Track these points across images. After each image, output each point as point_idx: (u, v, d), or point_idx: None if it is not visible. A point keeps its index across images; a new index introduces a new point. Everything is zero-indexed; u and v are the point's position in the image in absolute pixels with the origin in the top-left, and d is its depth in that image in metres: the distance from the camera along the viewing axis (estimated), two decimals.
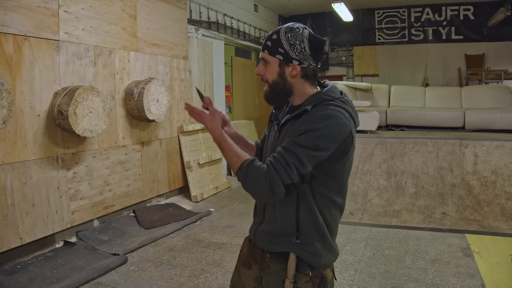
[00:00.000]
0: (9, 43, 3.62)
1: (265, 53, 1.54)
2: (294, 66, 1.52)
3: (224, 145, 1.52)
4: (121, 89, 5.07)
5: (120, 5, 4.94)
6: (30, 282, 3.44)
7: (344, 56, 11.48)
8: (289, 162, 1.37)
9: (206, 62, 7.19)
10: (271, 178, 1.37)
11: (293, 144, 1.40)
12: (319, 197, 1.49)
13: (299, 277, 1.53)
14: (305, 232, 1.50)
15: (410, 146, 5.72)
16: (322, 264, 1.52)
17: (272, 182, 1.36)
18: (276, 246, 1.56)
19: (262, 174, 1.39)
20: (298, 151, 1.38)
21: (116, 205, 5.01)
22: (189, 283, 3.56)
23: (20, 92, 3.75)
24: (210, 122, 1.59)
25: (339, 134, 1.40)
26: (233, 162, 1.47)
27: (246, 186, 1.43)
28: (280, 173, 1.37)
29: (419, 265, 3.80)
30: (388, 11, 10.70)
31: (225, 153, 1.51)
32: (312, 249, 1.51)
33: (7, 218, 3.64)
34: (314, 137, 1.38)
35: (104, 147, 4.81)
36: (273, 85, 1.56)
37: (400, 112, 7.48)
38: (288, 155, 1.38)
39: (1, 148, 3.59)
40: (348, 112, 1.47)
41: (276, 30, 1.54)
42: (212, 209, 5.78)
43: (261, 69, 1.58)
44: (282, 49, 1.50)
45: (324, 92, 1.53)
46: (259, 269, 1.65)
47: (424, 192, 5.31)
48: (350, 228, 4.83)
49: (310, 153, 1.37)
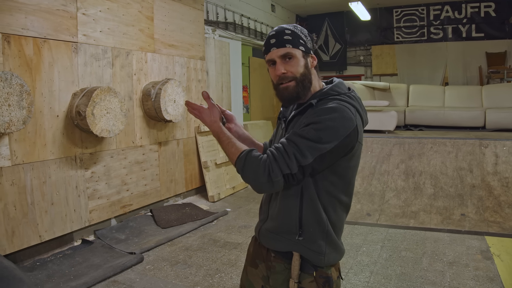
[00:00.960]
0: (29, 46, 3.71)
1: (288, 48, 1.48)
2: (313, 56, 1.55)
3: (222, 137, 1.54)
4: (139, 90, 5.13)
5: (137, 7, 5.00)
6: (49, 278, 3.52)
7: (362, 56, 11.38)
8: (289, 151, 1.37)
9: (223, 62, 7.23)
10: (269, 166, 1.37)
11: (295, 134, 1.39)
12: (324, 194, 1.48)
13: (303, 277, 1.52)
14: (308, 229, 1.49)
15: (429, 146, 5.64)
16: (326, 262, 1.51)
17: (270, 171, 1.36)
18: (279, 244, 1.56)
19: (260, 163, 1.38)
20: (299, 142, 1.37)
21: (134, 205, 5.08)
22: (204, 282, 3.58)
23: (40, 93, 3.83)
24: (208, 115, 1.62)
25: (344, 128, 1.38)
26: (232, 153, 1.48)
27: (245, 176, 1.43)
28: (279, 162, 1.37)
29: (437, 268, 3.74)
30: (406, 10, 10.56)
31: (224, 145, 1.53)
32: (316, 247, 1.49)
33: (27, 216, 3.73)
34: (317, 129, 1.37)
35: (122, 147, 4.88)
36: (302, 78, 1.50)
37: (419, 112, 7.38)
38: (289, 145, 1.38)
39: (21, 148, 3.68)
40: (354, 107, 1.45)
41: (281, 28, 1.52)
42: (228, 209, 5.81)
43: (281, 67, 1.50)
44: (302, 41, 1.51)
45: (330, 88, 1.53)
46: (266, 268, 1.64)
47: (442, 193, 5.22)
48: (366, 229, 4.79)
49: (312, 144, 1.36)
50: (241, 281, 1.81)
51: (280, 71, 1.50)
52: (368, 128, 6.62)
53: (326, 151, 1.36)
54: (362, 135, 1.51)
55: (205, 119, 1.61)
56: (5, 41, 3.50)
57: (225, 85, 7.31)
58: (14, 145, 3.60)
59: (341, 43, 11.44)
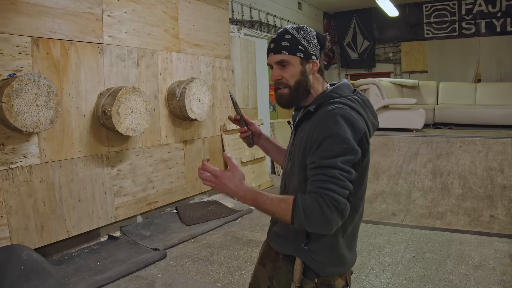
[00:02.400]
0: (56, 48, 3.84)
1: (284, 54, 1.47)
2: (314, 61, 1.50)
3: (260, 198, 1.34)
4: (164, 89, 5.22)
5: (161, 7, 5.09)
6: (75, 272, 3.65)
7: (391, 53, 11.15)
8: (335, 175, 1.27)
9: (249, 61, 7.26)
10: (331, 200, 1.24)
11: (322, 159, 1.30)
12: None
13: (305, 282, 1.50)
14: (315, 240, 1.46)
15: (458, 145, 5.51)
16: (328, 273, 1.48)
17: (335, 204, 1.24)
18: (285, 249, 1.56)
19: (319, 203, 1.25)
20: (333, 163, 1.28)
21: (159, 202, 5.18)
22: (224, 279, 3.63)
23: (67, 93, 3.96)
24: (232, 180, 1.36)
25: (354, 132, 1.33)
26: (282, 210, 1.31)
27: (311, 225, 1.28)
28: (335, 189, 1.25)
29: (461, 271, 3.65)
30: (437, 5, 10.25)
31: (266, 206, 1.34)
32: (318, 258, 1.46)
33: (56, 212, 3.88)
34: (336, 142, 1.30)
35: (148, 145, 4.98)
36: (296, 86, 1.49)
37: (449, 110, 7.20)
38: (328, 171, 1.28)
39: (50, 146, 3.82)
40: (354, 110, 1.40)
41: (283, 31, 1.51)
42: (253, 207, 5.83)
43: (277, 73, 1.49)
44: (301, 46, 1.47)
45: (331, 90, 1.50)
46: (272, 269, 1.65)
47: (471, 194, 5.09)
48: (391, 229, 4.72)
49: (343, 158, 1.29)
50: (251, 278, 1.83)
51: (276, 77, 1.51)
52: (395, 126, 6.54)
53: (357, 160, 1.33)
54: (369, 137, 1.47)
55: (228, 186, 1.36)
56: (34, 44, 3.65)
57: (251, 84, 7.33)
58: (43, 144, 3.75)
59: (370, 40, 11.27)
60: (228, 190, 1.36)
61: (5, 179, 3.47)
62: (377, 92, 7.04)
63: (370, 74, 11.32)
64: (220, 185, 1.36)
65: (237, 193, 1.36)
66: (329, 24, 11.47)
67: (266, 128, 7.88)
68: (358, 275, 3.59)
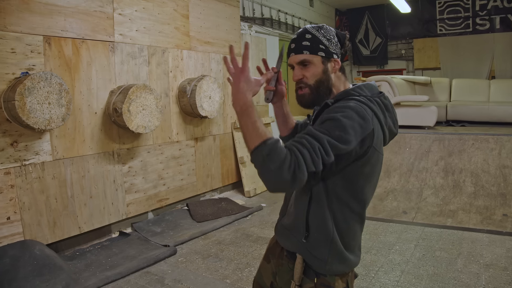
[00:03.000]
0: (68, 47, 3.89)
1: (305, 54, 1.47)
2: (336, 60, 1.50)
3: (251, 112, 1.30)
4: (175, 87, 5.25)
5: (172, 5, 5.12)
6: (87, 268, 3.70)
7: (404, 49, 11.06)
8: (315, 147, 1.24)
9: (260, 58, 7.26)
10: (295, 162, 1.20)
11: (315, 130, 1.29)
12: (333, 199, 1.41)
13: (305, 281, 1.49)
14: (313, 233, 1.45)
15: (470, 142, 5.44)
16: (328, 271, 1.46)
17: (296, 168, 1.20)
18: (288, 243, 1.55)
19: (286, 157, 1.20)
20: (321, 137, 1.26)
21: (170, 199, 5.22)
22: (233, 276, 3.64)
23: (79, 91, 4.01)
24: (248, 83, 1.34)
25: (361, 128, 1.31)
26: (255, 136, 1.27)
27: (263, 169, 1.22)
28: (306, 158, 1.22)
29: (472, 269, 3.61)
30: (450, 0, 10.13)
31: (248, 123, 1.29)
32: (318, 253, 1.45)
33: (67, 208, 3.93)
34: (336, 127, 1.28)
35: (159, 142, 5.02)
36: (317, 85, 1.48)
37: (461, 107, 7.11)
38: (312, 140, 1.25)
39: (62, 143, 3.87)
40: (372, 110, 1.38)
41: (304, 30, 1.51)
42: (264, 204, 5.85)
43: (299, 73, 1.49)
44: (322, 45, 1.47)
45: (352, 88, 1.49)
46: (276, 265, 1.66)
47: (483, 192, 5.02)
48: (401, 227, 4.69)
49: (333, 142, 1.25)
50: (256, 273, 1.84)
51: (298, 77, 1.50)
52: (407, 123, 6.49)
53: (345, 153, 1.28)
54: (381, 142, 1.43)
55: (240, 82, 1.33)
56: (46, 42, 3.70)
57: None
58: (55, 141, 3.80)
59: (382, 36, 11.18)
60: (236, 86, 1.33)
61: (18, 176, 3.53)
62: (388, 89, 6.99)
63: (382, 71, 11.23)
64: (237, 77, 1.33)
65: (238, 93, 1.32)
66: (341, 21, 11.41)
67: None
68: (367, 273, 3.58)
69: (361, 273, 3.57)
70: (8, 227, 3.46)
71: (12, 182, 3.49)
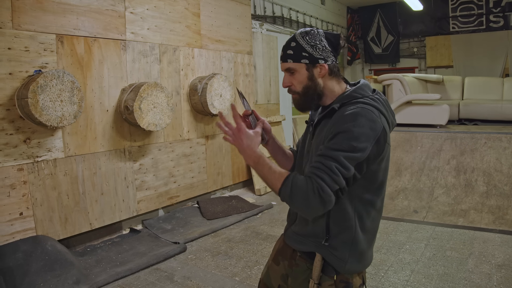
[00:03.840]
0: (80, 45, 3.94)
1: (289, 63, 1.52)
2: (322, 65, 1.51)
3: (262, 162, 1.43)
4: (186, 85, 5.28)
5: (183, 4, 5.14)
6: (97, 264, 3.75)
7: (416, 47, 10.96)
8: (331, 167, 1.31)
9: (271, 56, 7.26)
10: (318, 188, 1.29)
11: (328, 149, 1.35)
12: (357, 201, 1.45)
13: (323, 279, 1.50)
14: (335, 236, 1.47)
15: (482, 141, 5.38)
16: (347, 270, 1.48)
17: (321, 192, 1.29)
18: (304, 246, 1.55)
19: (308, 186, 1.30)
20: (336, 155, 1.32)
21: (181, 196, 5.25)
22: (242, 273, 3.66)
23: (91, 89, 4.06)
24: (250, 138, 1.47)
25: (372, 131, 1.35)
26: (275, 179, 1.39)
27: (293, 203, 1.35)
28: (326, 180, 1.30)
29: (483, 270, 3.57)
30: None
31: (264, 172, 1.43)
32: (339, 254, 1.47)
33: (79, 205, 3.98)
34: (348, 138, 1.33)
35: (169, 140, 5.05)
36: (305, 91, 1.53)
37: (474, 105, 7.02)
38: (328, 161, 1.32)
39: (74, 140, 3.92)
40: (378, 109, 1.42)
41: (291, 38, 1.54)
42: (274, 203, 5.85)
43: (287, 80, 1.56)
44: (305, 53, 1.50)
45: (353, 90, 1.51)
46: (288, 266, 1.65)
47: (496, 191, 4.96)
48: (412, 226, 4.66)
49: (348, 154, 1.32)
50: (261, 274, 1.83)
51: (285, 84, 1.57)
52: (418, 122, 6.43)
53: (363, 159, 1.34)
54: (389, 136, 1.49)
55: (243, 142, 1.46)
56: (59, 41, 3.74)
57: (273, 80, 7.33)
58: (67, 138, 3.85)
59: (394, 34, 11.10)
60: (240, 146, 1.46)
61: (31, 172, 3.59)
62: (400, 87, 6.93)
63: (394, 69, 11.16)
64: (237, 138, 1.46)
65: (245, 151, 1.45)
66: (353, 19, 11.34)
67: (288, 123, 7.88)
68: (377, 272, 3.57)
69: (371, 272, 3.56)
70: (20, 223, 3.51)
71: (25, 178, 3.54)
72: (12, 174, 3.47)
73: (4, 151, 3.41)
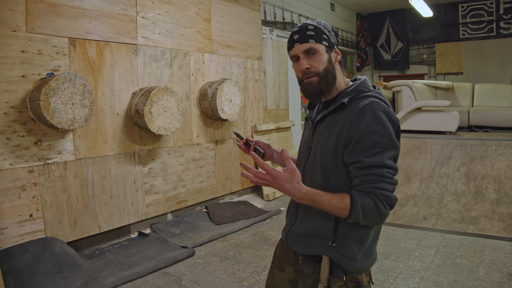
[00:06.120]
0: (92, 49, 3.97)
1: (311, 43, 1.48)
2: (337, 51, 1.54)
3: (319, 198, 1.37)
4: (196, 90, 5.30)
5: (194, 9, 5.17)
6: (105, 267, 3.75)
7: (426, 54, 10.91)
8: (383, 173, 1.35)
9: (280, 62, 7.27)
10: (385, 199, 1.35)
11: (368, 157, 1.36)
12: None
13: (333, 281, 1.49)
14: (343, 235, 1.46)
15: (493, 148, 5.32)
16: (357, 268, 1.47)
17: (389, 201, 1.36)
18: (309, 249, 1.53)
19: (376, 203, 1.34)
20: (379, 161, 1.35)
21: (189, 201, 5.26)
22: (251, 278, 3.64)
23: (102, 93, 4.09)
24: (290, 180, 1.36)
25: (392, 123, 1.39)
26: (340, 209, 1.36)
27: (367, 223, 1.39)
28: (387, 188, 1.36)
29: (494, 278, 3.52)
30: (473, 4, 9.96)
31: (325, 206, 1.38)
32: (347, 252, 1.46)
33: (88, 207, 4.00)
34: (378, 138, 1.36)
35: (179, 144, 5.07)
36: (325, 73, 1.49)
37: (484, 112, 6.94)
38: (376, 170, 1.35)
39: (84, 143, 3.95)
40: (385, 103, 1.45)
41: (304, 24, 1.53)
42: (282, 208, 5.83)
43: (305, 62, 1.49)
44: (325, 35, 1.50)
45: (359, 84, 1.52)
46: (294, 272, 1.62)
47: (507, 199, 4.90)
48: (421, 233, 4.62)
49: (387, 154, 1.36)
50: (266, 283, 1.79)
51: (304, 66, 1.49)
52: (428, 128, 6.39)
53: (399, 151, 1.42)
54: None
55: (285, 187, 1.35)
56: (71, 45, 3.78)
57: (283, 85, 7.34)
58: (77, 141, 3.88)
59: (403, 41, 11.07)
60: (285, 191, 1.37)
61: (41, 174, 3.61)
62: (409, 93, 6.89)
63: (404, 76, 11.12)
64: (276, 185, 1.35)
65: (294, 194, 1.37)
66: (362, 26, 11.34)
67: (297, 129, 7.86)
68: (386, 279, 3.53)
69: (380, 279, 3.53)
70: (30, 224, 3.53)
71: (35, 180, 3.57)
72: (23, 175, 3.49)
73: (16, 152, 3.44)
